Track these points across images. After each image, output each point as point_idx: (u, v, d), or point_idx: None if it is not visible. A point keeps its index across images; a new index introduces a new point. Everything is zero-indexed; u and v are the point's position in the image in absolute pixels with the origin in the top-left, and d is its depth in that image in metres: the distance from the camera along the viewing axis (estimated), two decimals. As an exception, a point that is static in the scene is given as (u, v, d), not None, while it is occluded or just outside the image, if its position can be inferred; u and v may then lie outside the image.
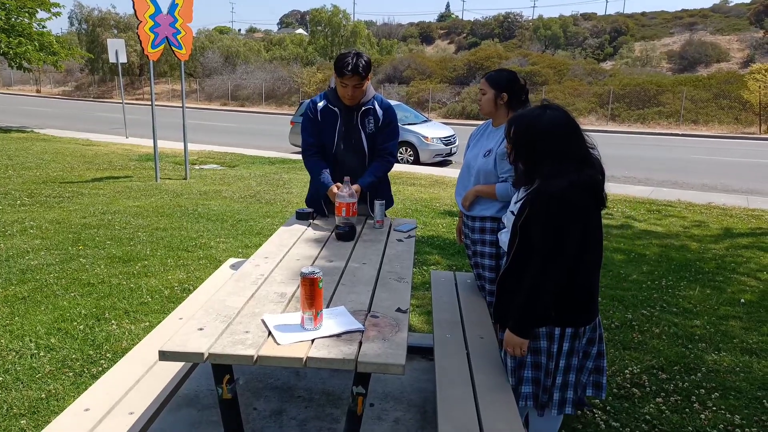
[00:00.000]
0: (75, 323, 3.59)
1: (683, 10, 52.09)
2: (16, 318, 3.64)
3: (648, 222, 7.36)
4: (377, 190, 3.10)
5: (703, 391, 3.01)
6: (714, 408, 2.85)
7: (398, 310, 1.95)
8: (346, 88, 2.88)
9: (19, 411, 2.63)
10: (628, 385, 3.05)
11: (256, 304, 1.97)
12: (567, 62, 33.70)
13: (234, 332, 1.74)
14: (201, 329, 1.75)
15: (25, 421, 2.55)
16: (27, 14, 17.20)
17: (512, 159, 2.10)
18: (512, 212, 2.16)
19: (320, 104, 3.03)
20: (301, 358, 1.60)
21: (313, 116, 3.03)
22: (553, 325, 2.04)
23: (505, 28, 51.48)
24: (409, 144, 13.19)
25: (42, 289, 4.17)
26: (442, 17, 77.09)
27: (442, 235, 6.25)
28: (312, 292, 1.73)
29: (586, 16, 54.42)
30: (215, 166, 11.30)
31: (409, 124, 13.70)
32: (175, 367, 2.18)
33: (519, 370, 2.12)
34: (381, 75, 33.67)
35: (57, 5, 17.79)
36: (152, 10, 8.49)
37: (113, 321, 3.65)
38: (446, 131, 13.94)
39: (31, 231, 5.81)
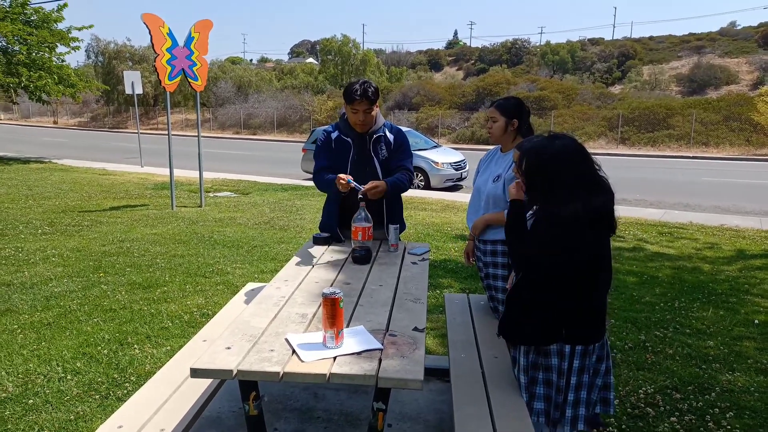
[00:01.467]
0: (99, 348, 3.70)
1: (690, 34, 52.34)
2: (43, 343, 3.76)
3: (660, 244, 7.38)
4: (391, 214, 3.20)
5: (718, 410, 3.04)
6: (729, 427, 2.88)
7: (415, 329, 2.03)
8: (357, 114, 3.01)
9: (48, 431, 2.72)
10: (642, 405, 3.09)
11: (279, 324, 2.06)
12: (575, 87, 33.96)
13: (260, 350, 1.83)
14: (228, 348, 1.84)
15: (55, 442, 2.64)
16: (47, 49, 17.73)
17: (525, 189, 2.19)
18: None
19: (333, 134, 3.16)
20: (325, 374, 1.69)
21: (327, 143, 3.16)
22: (564, 343, 2.10)
23: (513, 54, 52.02)
24: (419, 169, 13.34)
25: (66, 315, 4.29)
26: (450, 44, 78.03)
27: (454, 258, 6.32)
28: (333, 312, 1.82)
29: (594, 41, 54.82)
30: (229, 193, 11.49)
31: (419, 150, 13.87)
32: (200, 388, 2.26)
33: (531, 386, 2.19)
34: (391, 102, 34.09)
35: (76, 39, 18.36)
36: (169, 43, 8.78)
37: (136, 345, 3.75)
38: (456, 156, 14.10)
39: (53, 259, 5.96)
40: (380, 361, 1.77)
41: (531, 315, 2.14)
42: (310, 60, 64.76)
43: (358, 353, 1.83)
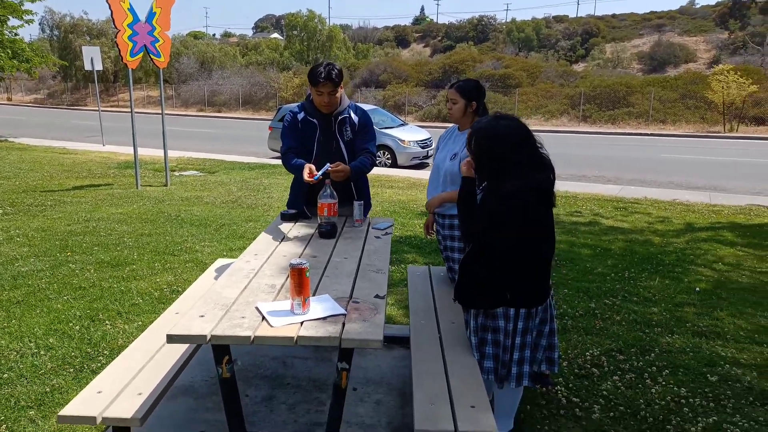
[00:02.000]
0: (71, 324, 3.77)
1: (652, 12, 53.19)
2: (13, 321, 3.81)
3: (615, 219, 7.72)
4: (357, 191, 3.35)
5: (655, 369, 3.32)
6: (663, 383, 3.16)
7: (376, 296, 2.20)
8: (321, 96, 3.12)
9: (26, 404, 2.82)
10: (588, 366, 3.35)
11: (249, 294, 2.20)
12: (540, 65, 34.34)
13: (232, 318, 1.98)
14: (202, 316, 1.98)
15: (33, 412, 2.75)
16: (-1, 22, 17.10)
17: (475, 167, 2.36)
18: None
19: (300, 115, 3.27)
20: (293, 337, 1.85)
21: (294, 124, 3.26)
22: (508, 306, 2.30)
23: (480, 31, 52.14)
24: (386, 147, 13.45)
25: (35, 293, 4.34)
26: (417, 21, 77.65)
27: (419, 235, 6.52)
28: (300, 281, 1.98)
29: (558, 19, 55.30)
30: (195, 172, 11.43)
31: (386, 128, 13.97)
32: (173, 357, 2.40)
33: (481, 346, 2.39)
34: (357, 79, 33.92)
35: (29, 12, 17.68)
36: (130, 19, 8.63)
37: (107, 321, 3.84)
38: (423, 134, 14.25)
39: (18, 239, 5.93)
40: (344, 324, 1.94)
41: (479, 281, 2.33)
42: (275, 35, 63.64)
43: (324, 318, 1.99)
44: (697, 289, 4.85)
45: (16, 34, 17.88)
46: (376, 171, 12.36)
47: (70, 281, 4.61)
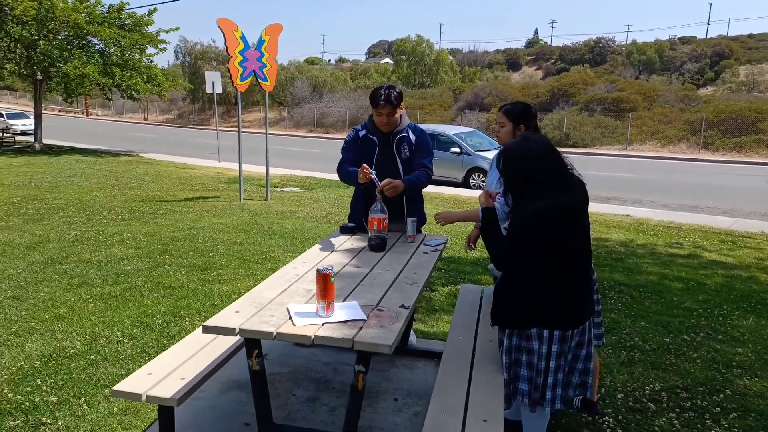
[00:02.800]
0: (155, 318, 4.18)
1: (796, 31, 48.32)
2: (109, 312, 4.29)
3: (719, 252, 7.17)
4: (409, 207, 3.45)
5: (721, 410, 3.08)
6: (727, 426, 2.92)
7: (402, 306, 2.28)
8: (381, 117, 3.29)
9: (104, 383, 3.19)
10: (645, 400, 3.17)
11: (285, 296, 2.37)
12: (657, 88, 32.54)
13: (262, 315, 2.15)
14: (237, 312, 2.17)
15: (108, 390, 3.10)
16: (138, 50, 19.17)
17: (504, 188, 2.38)
18: (504, 228, 2.45)
19: (361, 133, 3.45)
20: (310, 336, 1.98)
21: (355, 140, 3.45)
22: (543, 327, 2.28)
23: (596, 53, 50.32)
24: (481, 170, 13.41)
25: (131, 289, 4.84)
26: (529, 44, 76.49)
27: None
28: (325, 286, 2.11)
29: (685, 40, 52.02)
30: (294, 188, 12.06)
31: (481, 150, 13.95)
32: (220, 349, 2.62)
33: (514, 367, 2.38)
34: (462, 102, 34.04)
35: (163, 42, 19.71)
36: (242, 46, 9.38)
37: (187, 318, 4.21)
38: (520, 158, 14.05)
39: (128, 242, 6.62)
40: (360, 329, 2.04)
41: (513, 303, 2.34)
42: (386, 60, 65.46)
43: (344, 322, 2.10)
44: (798, 331, 4.41)
45: (151, 61, 19.96)
46: (465, 191, 12.36)
47: (163, 281, 5.09)
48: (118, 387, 2.25)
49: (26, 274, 5.22)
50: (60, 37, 18.43)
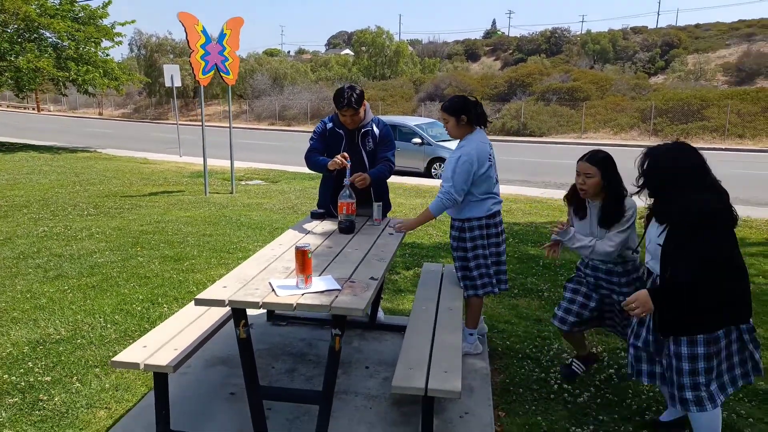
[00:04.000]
0: (134, 306, 4.37)
1: (740, 21, 50.15)
2: (88, 301, 4.46)
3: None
4: (376, 194, 3.74)
5: (655, 365, 3.49)
6: (658, 377, 3.33)
7: (371, 278, 2.58)
8: (345, 117, 3.56)
9: (93, 363, 3.39)
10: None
11: (266, 273, 2.64)
12: (610, 78, 33.62)
13: (248, 289, 2.41)
14: (225, 287, 2.43)
15: (98, 370, 3.31)
16: (93, 44, 18.80)
17: (651, 192, 2.46)
18: (658, 244, 2.45)
19: (329, 125, 3.71)
20: (292, 304, 2.25)
21: (323, 132, 3.71)
22: (731, 324, 2.38)
23: (552, 43, 51.36)
24: (442, 160, 13.78)
25: (107, 280, 5.00)
26: (488, 34, 77.39)
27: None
28: (303, 261, 2.38)
29: (636, 30, 53.48)
30: (259, 181, 12.20)
31: (443, 140, 14.31)
32: (207, 323, 2.87)
33: (694, 376, 2.40)
34: (422, 93, 34.45)
35: (119, 35, 19.36)
36: (203, 40, 9.46)
37: (165, 305, 4.42)
38: (479, 147, 14.47)
39: (97, 236, 6.71)
40: (336, 297, 2.33)
41: (701, 308, 2.35)
42: (347, 51, 65.33)
43: (321, 292, 2.39)
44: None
45: (107, 55, 19.61)
46: (426, 181, 12.73)
47: (137, 271, 5.26)
48: (117, 358, 2.48)
49: (-1, 269, 5.31)
50: (9, 30, 17.94)
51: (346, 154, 3.47)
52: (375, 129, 3.71)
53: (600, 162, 2.93)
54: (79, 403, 2.97)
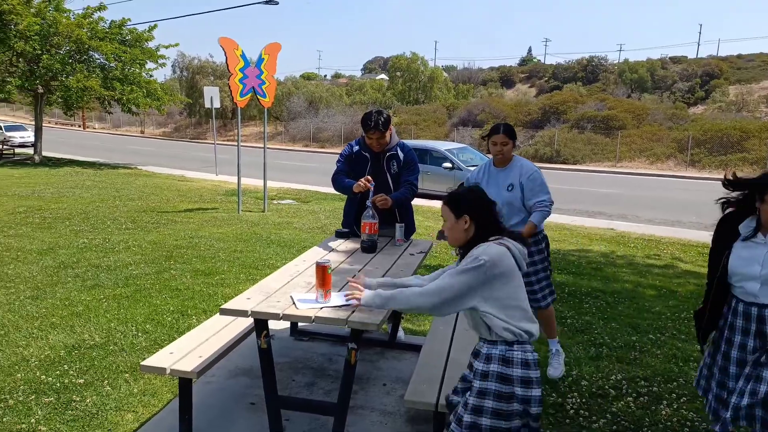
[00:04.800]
0: (165, 316, 4.55)
1: (785, 51, 49.02)
2: (122, 310, 4.66)
3: (694, 264, 7.58)
4: (399, 216, 3.85)
5: (674, 396, 3.47)
6: (676, 407, 3.31)
7: (389, 295, 2.67)
8: (371, 141, 3.70)
9: (123, 369, 3.55)
10: (607, 387, 3.56)
11: (289, 287, 2.76)
12: (646, 107, 33.27)
13: (270, 301, 2.53)
14: (248, 298, 2.56)
15: (127, 375, 3.47)
16: (138, 65, 19.63)
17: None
18: None
19: (355, 148, 3.86)
20: (311, 317, 2.36)
21: (350, 155, 3.86)
22: None
23: (589, 71, 51.10)
24: (472, 185, 13.85)
25: (141, 291, 5.21)
26: (523, 61, 77.55)
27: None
28: (323, 276, 2.49)
29: (676, 60, 52.87)
30: (291, 201, 12.45)
31: (473, 165, 14.39)
32: (231, 334, 3.00)
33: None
34: (455, 119, 34.65)
35: (163, 57, 20.21)
36: (242, 64, 9.82)
37: (194, 316, 4.58)
38: (509, 173, 14.48)
39: (133, 249, 6.98)
40: (353, 311, 2.43)
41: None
42: (382, 76, 66.23)
43: (339, 307, 2.49)
44: (755, 333, 4.80)
45: (151, 76, 20.43)
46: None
47: (169, 284, 5.46)
48: (146, 362, 2.62)
49: (41, 276, 5.58)
50: (62, 52, 18.88)
51: (369, 177, 3.59)
52: (400, 153, 3.84)
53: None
54: (109, 405, 3.12)
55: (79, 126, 51.34)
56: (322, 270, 2.50)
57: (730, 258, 2.36)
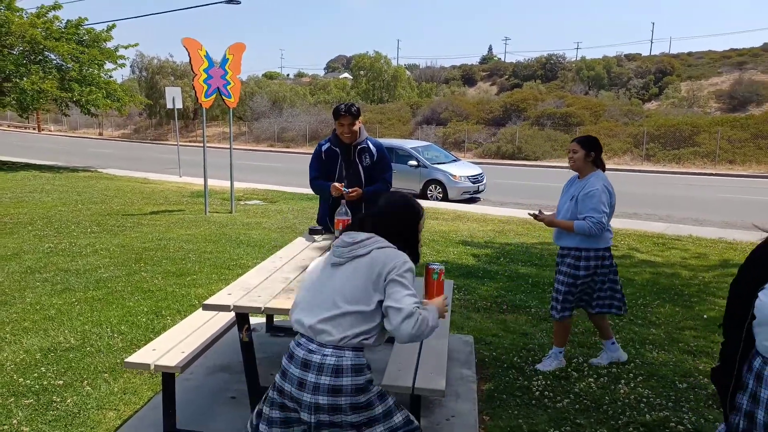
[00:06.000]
0: (139, 317, 4.58)
1: (732, 50, 51.04)
2: (95, 312, 4.67)
3: (650, 253, 7.94)
4: (370, 212, 3.99)
5: (632, 375, 3.72)
6: (633, 386, 3.55)
7: (364, 287, 2.80)
8: (343, 127, 3.82)
9: (102, 369, 3.59)
10: (570, 370, 3.78)
11: (268, 282, 2.87)
12: (603, 103, 34.22)
13: (251, 296, 2.64)
14: (229, 294, 2.66)
15: (106, 375, 3.52)
16: (96, 65, 19.22)
17: None
18: None
19: (324, 146, 3.99)
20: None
21: (318, 157, 3.99)
22: None
23: (548, 69, 52.14)
24: (437, 182, 14.07)
25: (113, 293, 5.21)
26: (484, 60, 78.52)
27: (450, 260, 7.06)
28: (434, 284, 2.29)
29: (631, 57, 54.39)
30: (258, 201, 12.45)
31: (438, 163, 14.63)
32: (211, 330, 3.09)
33: None
34: (419, 117, 34.97)
35: (123, 57, 19.85)
36: (206, 64, 9.80)
37: (168, 317, 4.63)
38: (474, 170, 14.77)
39: (101, 252, 6.93)
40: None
41: None
42: (345, 75, 66.18)
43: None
44: (705, 316, 5.12)
45: (110, 76, 20.03)
46: (424, 203, 12.89)
47: (141, 285, 5.47)
48: (129, 359, 2.69)
49: (8, 282, 5.51)
50: (15, 53, 18.34)
51: (342, 184, 3.77)
52: (371, 146, 3.98)
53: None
54: (90, 404, 3.17)
55: (34, 128, 49.76)
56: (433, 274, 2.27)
57: (761, 301, 1.76)
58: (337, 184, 3.76)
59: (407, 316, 1.91)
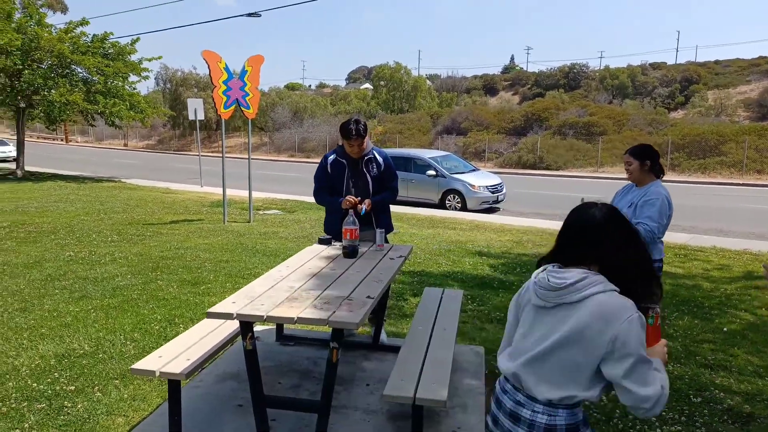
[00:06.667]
0: (153, 325, 4.64)
1: (761, 57, 50.10)
2: (110, 320, 4.74)
3: (671, 264, 7.79)
4: (378, 221, 4.00)
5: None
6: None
7: (367, 297, 2.80)
8: (353, 147, 3.88)
9: (113, 376, 3.64)
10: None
11: (272, 291, 2.88)
12: (626, 113, 33.83)
13: (254, 304, 2.65)
14: (234, 302, 2.68)
15: (117, 381, 3.56)
16: (121, 78, 19.66)
17: None
18: None
19: (330, 158, 4.04)
20: (293, 317, 2.49)
21: (324, 169, 4.05)
22: None
23: (571, 78, 51.77)
24: (456, 192, 14.01)
25: (128, 301, 5.29)
26: (506, 69, 78.29)
27: (466, 271, 7.01)
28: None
29: (656, 66, 53.73)
30: (276, 211, 12.55)
31: (457, 173, 14.58)
32: (217, 338, 3.11)
33: None
34: (440, 127, 34.98)
35: (146, 70, 20.26)
36: (225, 76, 9.95)
37: (181, 324, 4.67)
38: (493, 180, 14.68)
39: (120, 261, 7.04)
40: (334, 312, 2.56)
41: None
42: (366, 86, 66.55)
43: (321, 308, 2.62)
44: (725, 329, 5.00)
45: (134, 89, 20.45)
46: (440, 212, 12.96)
47: (156, 294, 5.55)
48: (136, 366, 2.73)
49: (29, 289, 5.64)
50: (44, 67, 18.85)
51: (358, 198, 3.84)
52: (378, 157, 4.02)
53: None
54: (100, 410, 3.21)
55: (62, 140, 50.97)
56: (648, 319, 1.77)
57: None
58: (350, 197, 3.82)
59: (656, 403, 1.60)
